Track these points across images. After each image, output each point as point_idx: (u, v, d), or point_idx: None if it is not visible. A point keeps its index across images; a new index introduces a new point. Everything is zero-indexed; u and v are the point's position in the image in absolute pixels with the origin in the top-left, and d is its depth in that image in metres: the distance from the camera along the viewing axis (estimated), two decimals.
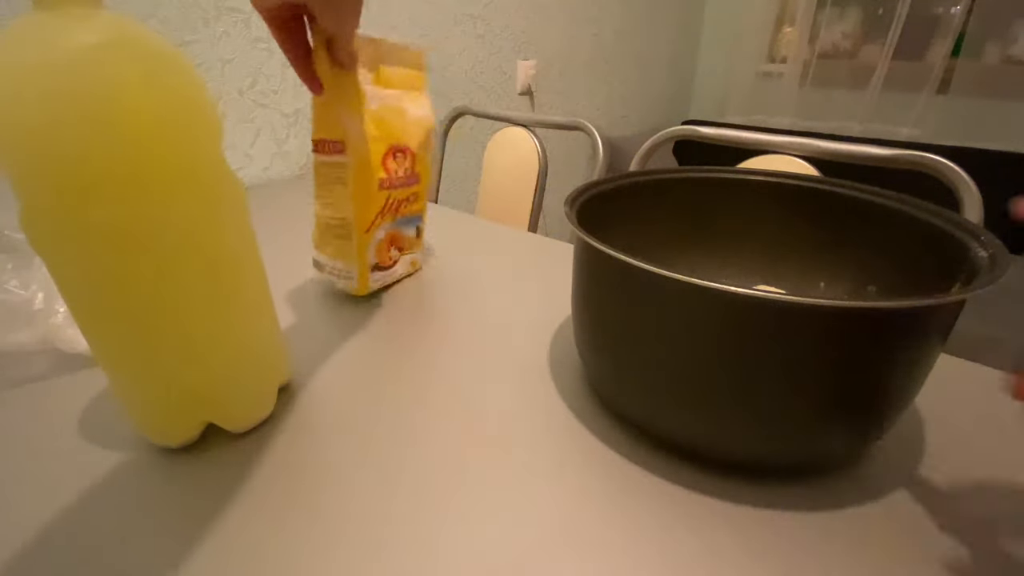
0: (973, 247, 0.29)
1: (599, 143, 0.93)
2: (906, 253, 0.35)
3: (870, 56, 1.91)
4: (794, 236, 0.41)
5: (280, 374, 0.38)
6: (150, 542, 0.27)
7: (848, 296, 0.39)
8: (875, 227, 0.37)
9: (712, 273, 0.42)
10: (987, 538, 0.27)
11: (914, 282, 0.34)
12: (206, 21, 0.90)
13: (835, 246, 0.40)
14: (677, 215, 0.43)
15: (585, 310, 0.35)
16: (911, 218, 0.34)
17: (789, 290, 0.42)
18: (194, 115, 0.28)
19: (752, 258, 0.43)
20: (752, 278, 0.43)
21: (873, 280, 0.38)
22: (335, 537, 0.28)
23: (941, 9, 1.74)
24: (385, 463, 0.32)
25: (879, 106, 1.92)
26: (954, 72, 1.78)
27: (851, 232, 0.38)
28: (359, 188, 0.47)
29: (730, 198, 0.42)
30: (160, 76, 0.26)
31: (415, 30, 1.24)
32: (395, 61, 0.50)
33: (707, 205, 0.43)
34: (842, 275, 0.40)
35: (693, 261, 0.43)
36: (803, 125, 2.05)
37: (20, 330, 0.40)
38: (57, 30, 0.23)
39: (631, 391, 0.32)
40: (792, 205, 0.41)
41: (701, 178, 0.42)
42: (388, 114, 0.49)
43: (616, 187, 0.40)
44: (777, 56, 2.15)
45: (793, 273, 0.42)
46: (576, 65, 1.72)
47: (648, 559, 0.26)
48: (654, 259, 0.33)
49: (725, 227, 0.43)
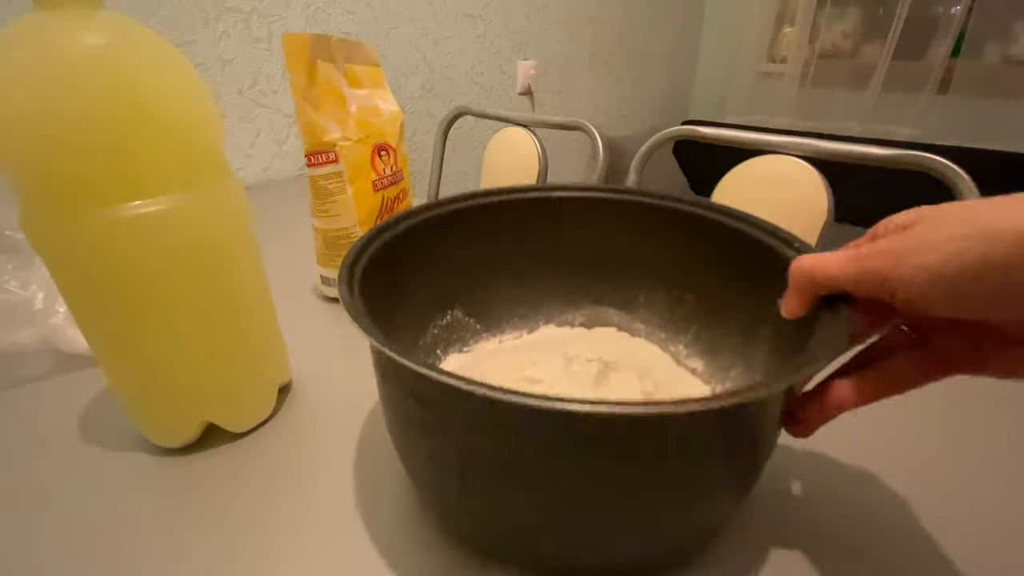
0: (783, 250, 0.29)
1: (599, 143, 0.93)
2: (720, 260, 0.34)
3: (870, 56, 1.90)
4: (610, 251, 0.39)
5: (280, 374, 0.38)
6: (150, 542, 0.27)
7: (668, 307, 0.38)
8: (688, 236, 0.36)
9: (531, 300, 0.40)
10: None
11: (730, 289, 0.33)
12: (206, 21, 0.90)
13: (651, 258, 0.38)
14: (485, 243, 0.38)
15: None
16: (720, 226, 0.33)
17: (609, 304, 0.40)
18: (194, 116, 0.28)
19: (570, 280, 0.40)
20: (574, 299, 0.41)
21: (691, 289, 0.37)
22: (335, 536, 0.28)
23: (941, 9, 1.74)
24: (388, 461, 0.32)
25: (879, 106, 1.92)
26: (954, 72, 1.78)
27: (666, 242, 0.37)
28: (358, 191, 0.48)
29: (539, 218, 0.39)
30: (160, 77, 0.26)
31: (415, 30, 1.24)
32: (359, 59, 0.50)
33: (517, 228, 0.38)
34: (661, 286, 0.38)
35: (514, 290, 0.40)
36: (803, 125, 2.05)
37: (20, 330, 0.40)
38: (58, 30, 0.23)
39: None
40: (605, 219, 0.38)
41: (502, 201, 0.38)
42: (367, 114, 0.49)
43: (406, 229, 0.33)
44: (777, 56, 2.15)
45: (611, 289, 0.40)
46: (576, 65, 1.72)
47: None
48: (467, 296, 0.30)
49: (537, 250, 0.39)
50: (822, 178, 0.71)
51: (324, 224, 0.49)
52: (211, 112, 0.29)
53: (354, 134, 0.47)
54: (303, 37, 0.43)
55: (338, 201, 0.48)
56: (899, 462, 0.32)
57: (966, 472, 0.32)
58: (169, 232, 0.27)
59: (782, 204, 0.73)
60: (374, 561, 0.26)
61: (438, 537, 0.27)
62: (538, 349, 0.38)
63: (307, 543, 0.27)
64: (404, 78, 1.26)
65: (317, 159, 0.46)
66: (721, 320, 0.35)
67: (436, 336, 0.37)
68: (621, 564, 0.24)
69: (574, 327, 0.41)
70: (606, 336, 0.40)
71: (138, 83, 0.25)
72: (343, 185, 0.47)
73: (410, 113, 1.30)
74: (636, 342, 0.39)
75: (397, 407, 0.25)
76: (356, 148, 0.47)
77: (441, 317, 0.38)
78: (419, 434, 0.24)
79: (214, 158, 0.30)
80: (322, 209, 0.48)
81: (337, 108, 0.47)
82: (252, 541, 0.27)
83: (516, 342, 0.40)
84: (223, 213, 0.30)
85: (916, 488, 0.31)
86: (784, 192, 0.73)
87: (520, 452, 0.21)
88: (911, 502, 0.30)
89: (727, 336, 0.35)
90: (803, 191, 0.71)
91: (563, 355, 0.35)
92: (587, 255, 0.40)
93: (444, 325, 0.38)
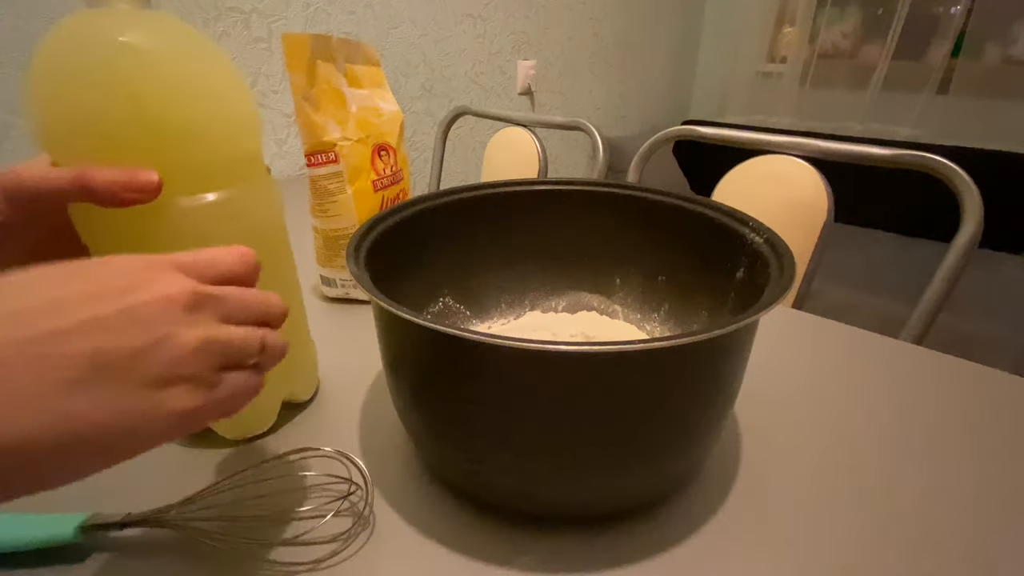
0: (747, 233, 0.32)
1: (599, 143, 0.93)
2: (689, 244, 0.37)
3: (870, 56, 1.90)
4: (586, 239, 0.42)
5: (289, 387, 0.36)
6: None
7: (641, 289, 0.42)
8: (658, 223, 0.39)
9: (517, 287, 0.44)
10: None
11: (700, 268, 0.37)
12: (206, 21, 0.90)
13: (624, 244, 0.41)
14: (472, 235, 0.41)
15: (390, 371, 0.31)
16: (687, 212, 0.37)
17: (589, 289, 0.44)
18: (235, 113, 0.28)
19: (551, 268, 0.44)
20: (557, 286, 0.44)
21: (663, 271, 0.40)
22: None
23: (941, 9, 1.74)
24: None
25: (879, 106, 1.91)
26: (954, 72, 1.78)
27: (637, 229, 0.40)
28: (358, 191, 0.48)
29: (521, 210, 0.42)
30: (206, 72, 0.27)
31: (415, 30, 1.24)
32: (359, 59, 0.50)
33: (501, 220, 0.41)
34: (635, 270, 0.42)
35: (500, 279, 0.43)
36: (803, 125, 2.04)
37: None
38: (106, 27, 0.24)
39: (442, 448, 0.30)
40: (581, 209, 0.42)
41: (485, 195, 0.40)
42: (367, 114, 0.49)
43: (400, 219, 0.35)
44: (777, 56, 2.15)
45: (587, 273, 0.44)
46: (576, 65, 1.72)
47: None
48: (457, 284, 0.34)
49: (520, 240, 0.42)
50: (822, 178, 0.71)
51: (324, 224, 0.49)
52: (251, 111, 0.29)
53: (354, 134, 0.47)
54: (303, 37, 0.43)
55: (338, 201, 0.48)
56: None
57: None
58: (215, 223, 0.27)
59: (782, 204, 0.73)
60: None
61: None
62: (525, 331, 0.42)
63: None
64: (404, 78, 1.26)
65: (317, 159, 0.46)
66: (689, 295, 0.39)
67: (428, 322, 0.39)
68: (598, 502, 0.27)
69: (558, 312, 0.45)
70: (588, 319, 0.43)
71: (185, 79, 0.25)
72: (343, 185, 0.47)
73: (410, 113, 1.30)
74: (615, 323, 0.43)
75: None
76: (356, 148, 0.47)
77: (433, 304, 0.40)
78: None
79: (255, 155, 0.30)
80: (322, 209, 0.48)
81: (337, 108, 0.47)
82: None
83: (504, 327, 0.43)
84: (266, 207, 0.31)
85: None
86: (784, 192, 0.73)
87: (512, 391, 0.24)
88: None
89: (695, 310, 0.38)
90: (803, 191, 0.71)
91: (550, 333, 0.40)
92: (567, 244, 0.43)
93: (436, 312, 0.40)
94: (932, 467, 0.32)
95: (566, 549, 0.27)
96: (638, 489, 0.28)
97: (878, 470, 0.32)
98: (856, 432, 0.35)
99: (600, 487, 0.27)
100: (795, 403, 0.38)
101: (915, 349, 0.45)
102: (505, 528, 0.28)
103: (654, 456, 0.26)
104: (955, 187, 0.59)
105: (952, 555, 0.27)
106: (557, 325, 0.42)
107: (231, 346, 0.19)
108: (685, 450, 0.28)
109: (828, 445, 0.34)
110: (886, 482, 0.31)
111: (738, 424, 0.36)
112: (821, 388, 0.40)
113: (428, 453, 0.31)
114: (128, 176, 0.23)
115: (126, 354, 0.16)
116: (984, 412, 0.37)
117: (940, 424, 0.36)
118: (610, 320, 0.43)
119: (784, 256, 0.28)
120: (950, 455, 0.33)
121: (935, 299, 0.59)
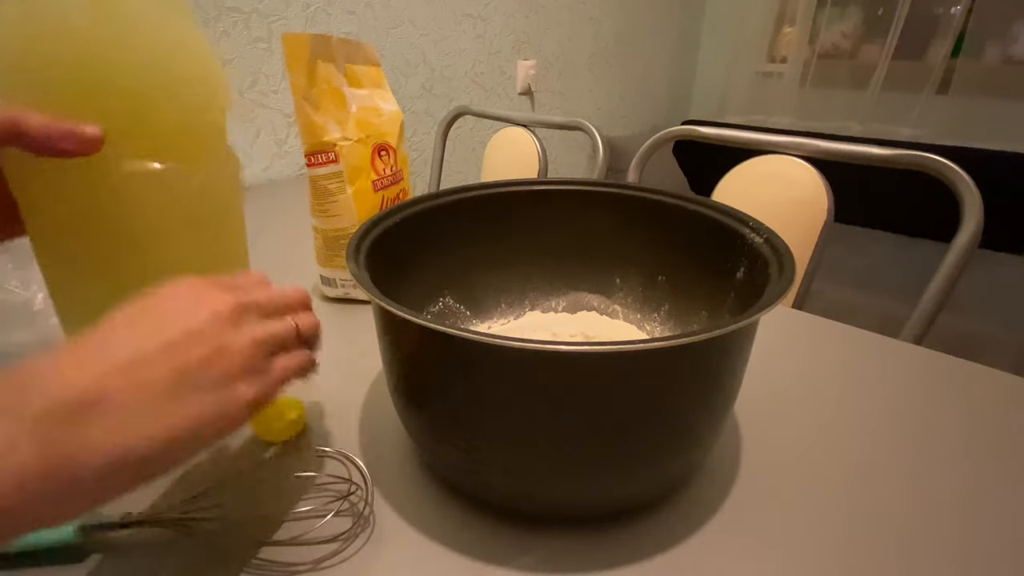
0: (747, 233, 0.32)
1: (599, 143, 0.93)
2: (689, 244, 0.37)
3: (870, 56, 1.90)
4: (586, 239, 0.42)
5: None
6: None
7: (641, 289, 0.42)
8: (657, 223, 0.39)
9: (517, 288, 0.44)
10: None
11: (700, 268, 0.37)
12: (206, 21, 0.90)
13: (624, 244, 0.41)
14: (472, 236, 0.41)
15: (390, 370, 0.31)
16: (687, 212, 0.37)
17: (589, 289, 0.44)
18: (197, 83, 0.27)
19: (551, 268, 0.44)
20: (557, 286, 0.44)
21: (662, 271, 0.40)
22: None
23: (941, 9, 1.74)
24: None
25: (879, 106, 1.91)
26: (954, 72, 1.78)
27: (637, 229, 0.40)
28: (358, 191, 0.48)
29: (521, 210, 0.42)
30: (171, 38, 0.26)
31: (415, 30, 1.24)
32: (359, 59, 0.50)
33: (501, 220, 0.41)
34: (635, 270, 0.42)
35: (500, 279, 0.43)
36: (803, 125, 2.04)
37: (20, 330, 0.40)
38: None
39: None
40: (581, 209, 0.42)
41: (485, 195, 0.40)
42: (367, 114, 0.49)
43: (400, 219, 0.35)
44: (777, 56, 2.14)
45: (587, 273, 0.44)
46: (576, 65, 1.72)
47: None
48: (457, 284, 0.34)
49: (520, 240, 0.42)
50: (822, 178, 0.70)
51: (324, 224, 0.49)
52: (216, 83, 0.28)
53: (354, 134, 0.47)
54: (303, 37, 0.43)
55: (338, 201, 0.48)
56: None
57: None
58: (156, 194, 0.26)
59: (782, 204, 0.73)
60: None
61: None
62: (525, 331, 0.42)
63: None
64: (404, 78, 1.26)
65: (317, 159, 0.46)
66: (689, 295, 0.39)
67: (428, 322, 0.39)
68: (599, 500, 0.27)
69: (558, 312, 0.45)
70: (588, 319, 0.43)
71: (139, 37, 0.24)
72: (343, 185, 0.47)
73: (410, 113, 1.30)
74: (615, 323, 0.43)
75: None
76: (356, 148, 0.47)
77: (433, 304, 0.40)
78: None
79: (215, 129, 0.28)
80: (322, 209, 0.48)
81: (337, 108, 0.47)
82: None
83: (504, 327, 0.43)
84: (218, 186, 0.29)
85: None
86: (784, 192, 0.73)
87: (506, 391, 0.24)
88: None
89: (695, 310, 0.38)
90: (803, 191, 0.71)
91: (550, 333, 0.40)
92: (567, 244, 0.43)
93: (436, 312, 0.40)
94: (932, 467, 0.32)
95: (566, 549, 0.27)
96: (638, 489, 0.28)
97: (878, 470, 0.32)
98: (856, 432, 0.35)
99: (600, 487, 0.27)
100: (795, 403, 0.38)
101: (915, 349, 0.45)
102: (505, 528, 0.28)
103: (654, 456, 0.26)
104: (955, 187, 0.59)
105: (952, 555, 0.27)
106: (557, 325, 0.42)
107: (275, 336, 0.23)
108: (685, 450, 0.28)
109: (828, 445, 0.34)
110: (886, 482, 0.31)
111: (738, 424, 0.36)
112: (821, 388, 0.40)
113: (428, 453, 0.31)
114: (67, 125, 0.22)
115: (196, 365, 0.20)
116: (984, 412, 0.37)
117: (940, 424, 0.36)
118: (610, 320, 0.43)
119: (784, 256, 0.28)
120: (950, 455, 0.33)
121: (935, 299, 0.59)
